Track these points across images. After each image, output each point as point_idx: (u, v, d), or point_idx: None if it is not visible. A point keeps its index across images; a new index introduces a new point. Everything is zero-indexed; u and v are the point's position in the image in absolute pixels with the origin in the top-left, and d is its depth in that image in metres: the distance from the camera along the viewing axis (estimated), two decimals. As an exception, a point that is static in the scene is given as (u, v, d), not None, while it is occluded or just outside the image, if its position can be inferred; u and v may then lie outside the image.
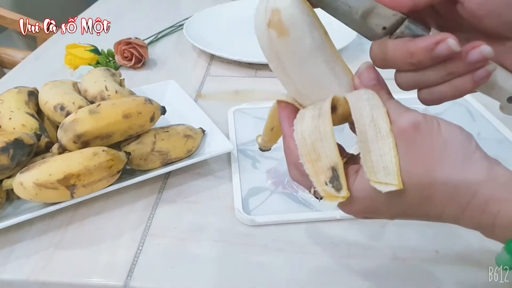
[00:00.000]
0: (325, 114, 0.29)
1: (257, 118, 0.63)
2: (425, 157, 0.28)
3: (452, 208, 0.28)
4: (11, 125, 0.50)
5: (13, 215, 0.45)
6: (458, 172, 0.28)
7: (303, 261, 0.42)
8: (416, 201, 0.28)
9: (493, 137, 0.58)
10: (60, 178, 0.43)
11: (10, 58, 1.12)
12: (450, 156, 0.28)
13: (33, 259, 0.43)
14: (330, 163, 0.28)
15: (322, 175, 0.28)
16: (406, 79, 0.32)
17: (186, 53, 0.85)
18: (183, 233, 0.46)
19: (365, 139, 0.28)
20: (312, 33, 0.29)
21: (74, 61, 0.77)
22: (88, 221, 0.47)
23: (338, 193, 0.28)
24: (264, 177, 0.52)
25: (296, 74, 0.30)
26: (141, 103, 0.51)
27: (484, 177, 0.28)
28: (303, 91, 0.31)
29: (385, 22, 0.31)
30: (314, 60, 0.30)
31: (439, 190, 0.28)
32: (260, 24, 0.29)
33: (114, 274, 0.41)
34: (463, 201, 0.28)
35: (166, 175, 0.53)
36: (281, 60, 0.30)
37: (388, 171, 0.28)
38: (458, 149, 0.28)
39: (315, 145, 0.29)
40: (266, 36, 0.29)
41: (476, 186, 0.27)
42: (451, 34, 0.29)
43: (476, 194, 0.27)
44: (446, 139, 0.28)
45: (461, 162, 0.28)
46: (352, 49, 0.83)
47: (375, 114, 0.28)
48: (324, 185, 0.28)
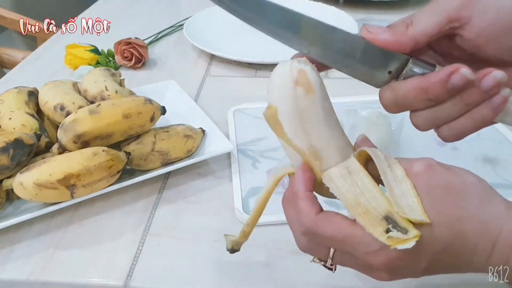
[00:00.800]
0: (356, 168, 0.30)
1: (257, 118, 0.63)
2: (447, 195, 0.28)
3: (484, 243, 0.28)
4: (11, 125, 0.50)
5: (13, 215, 0.45)
6: (483, 208, 0.28)
7: (303, 261, 0.42)
8: (447, 238, 0.27)
9: (493, 137, 0.58)
10: (60, 178, 0.43)
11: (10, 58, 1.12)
12: (471, 193, 0.28)
13: (33, 259, 0.43)
14: (381, 214, 0.28)
15: (379, 227, 0.28)
16: (422, 117, 0.32)
17: (186, 53, 0.85)
18: (183, 233, 0.46)
19: (387, 184, 0.29)
20: (327, 93, 0.32)
21: (74, 61, 0.77)
22: (88, 221, 0.47)
23: (407, 235, 0.27)
24: (264, 177, 0.52)
25: (317, 131, 0.31)
26: (141, 103, 0.51)
27: (506, 213, 0.28)
28: (318, 147, 0.31)
29: (390, 66, 0.32)
30: (332, 118, 0.32)
31: (468, 225, 0.27)
32: (284, 84, 0.30)
33: (114, 274, 0.41)
34: (493, 235, 0.27)
35: (166, 175, 0.53)
36: (305, 118, 0.31)
37: (412, 208, 0.28)
38: (477, 186, 0.28)
39: (358, 199, 0.29)
40: (291, 95, 0.30)
41: (502, 220, 0.27)
42: (462, 64, 0.29)
43: (503, 228, 0.27)
44: (463, 178, 0.28)
45: (482, 199, 0.28)
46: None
47: (389, 163, 0.30)
48: (385, 235, 0.27)
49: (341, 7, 0.96)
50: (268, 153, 0.56)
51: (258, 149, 0.57)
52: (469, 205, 0.27)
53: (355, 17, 0.90)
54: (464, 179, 0.28)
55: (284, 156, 0.52)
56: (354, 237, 0.28)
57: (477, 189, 0.28)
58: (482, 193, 0.28)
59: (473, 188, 0.28)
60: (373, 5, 1.06)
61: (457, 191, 0.28)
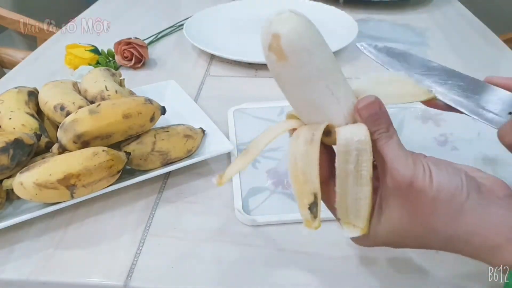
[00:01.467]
0: (316, 141, 0.29)
1: (257, 118, 0.63)
2: (418, 214, 0.30)
3: (449, 249, 0.32)
4: (11, 125, 0.50)
5: (13, 215, 0.45)
6: (448, 227, 0.30)
7: (303, 261, 0.42)
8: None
9: (493, 137, 0.58)
10: (60, 178, 0.43)
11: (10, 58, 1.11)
12: (439, 213, 0.30)
13: (33, 259, 0.43)
14: (312, 190, 0.29)
15: (306, 199, 0.29)
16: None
17: (186, 53, 0.85)
18: (183, 233, 0.46)
19: (345, 181, 0.29)
20: (314, 59, 0.29)
21: (74, 61, 0.77)
22: (88, 221, 0.47)
23: (313, 222, 0.29)
24: (264, 177, 0.52)
25: (295, 96, 0.31)
26: (141, 103, 0.51)
27: (477, 227, 0.29)
28: (302, 112, 0.31)
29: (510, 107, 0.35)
30: (313, 85, 0.30)
31: (432, 239, 0.31)
32: (262, 44, 0.30)
33: (114, 274, 0.41)
34: (456, 248, 0.31)
35: (166, 175, 0.53)
36: (281, 81, 0.30)
37: (358, 214, 0.30)
38: (447, 204, 0.30)
39: (304, 168, 0.29)
40: (267, 56, 0.30)
41: (468, 236, 0.30)
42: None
43: (468, 242, 0.30)
44: (435, 197, 0.29)
45: (451, 216, 0.30)
46: (352, 49, 0.83)
47: (360, 160, 0.29)
48: (306, 209, 0.29)
49: (341, 7, 0.96)
50: (268, 153, 0.56)
51: (258, 149, 0.57)
52: (438, 225, 0.30)
53: (355, 17, 0.90)
54: (438, 196, 0.30)
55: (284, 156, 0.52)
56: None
57: (449, 207, 0.30)
58: (453, 210, 0.30)
59: (444, 207, 0.30)
60: (373, 5, 1.06)
61: (428, 211, 0.30)
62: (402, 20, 0.99)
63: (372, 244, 0.34)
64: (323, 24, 0.91)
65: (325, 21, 0.93)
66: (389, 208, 0.31)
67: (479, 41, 0.89)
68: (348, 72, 0.77)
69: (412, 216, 0.30)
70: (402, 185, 0.29)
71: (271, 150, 0.57)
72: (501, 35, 0.92)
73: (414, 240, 0.32)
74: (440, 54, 0.83)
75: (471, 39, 0.90)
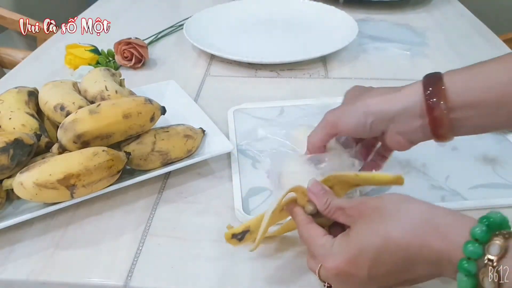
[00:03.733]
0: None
1: (257, 118, 0.63)
2: (373, 214, 0.34)
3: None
4: (11, 125, 0.50)
5: (13, 215, 0.45)
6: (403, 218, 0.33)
7: (303, 261, 0.42)
8: (376, 244, 0.33)
9: (493, 137, 0.58)
10: (60, 178, 0.43)
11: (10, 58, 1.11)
12: (390, 208, 0.34)
13: (33, 259, 0.43)
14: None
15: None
16: None
17: (186, 53, 0.85)
18: (183, 233, 0.46)
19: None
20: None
21: (74, 61, 0.77)
22: (88, 221, 0.47)
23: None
24: (264, 177, 0.52)
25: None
26: (141, 103, 0.51)
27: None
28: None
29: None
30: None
31: (394, 233, 0.33)
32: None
33: (114, 274, 0.41)
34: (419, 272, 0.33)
35: (166, 175, 0.53)
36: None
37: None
38: (392, 200, 0.35)
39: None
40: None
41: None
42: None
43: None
44: (384, 202, 0.35)
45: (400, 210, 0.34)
46: (352, 49, 0.83)
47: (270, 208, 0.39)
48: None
49: (341, 7, 0.96)
50: (268, 153, 0.56)
51: (258, 149, 0.57)
52: (391, 216, 0.33)
53: (355, 17, 0.90)
54: (384, 202, 0.34)
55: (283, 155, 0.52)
56: (314, 237, 0.37)
57: (395, 203, 0.34)
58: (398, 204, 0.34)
59: (391, 203, 0.34)
60: (373, 5, 1.06)
61: (381, 210, 0.34)
62: (402, 20, 0.99)
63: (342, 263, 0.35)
64: (323, 24, 0.92)
65: (325, 21, 0.93)
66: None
67: (479, 41, 0.89)
68: (348, 72, 0.77)
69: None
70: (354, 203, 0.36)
71: (271, 150, 0.57)
72: (501, 35, 0.92)
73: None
74: (439, 54, 0.83)
75: (471, 39, 0.90)
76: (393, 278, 0.33)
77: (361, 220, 0.34)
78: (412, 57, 0.82)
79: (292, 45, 0.86)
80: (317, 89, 0.72)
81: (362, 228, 0.34)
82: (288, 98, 0.68)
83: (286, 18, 0.96)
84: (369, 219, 0.34)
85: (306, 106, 0.65)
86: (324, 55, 0.78)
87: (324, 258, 0.35)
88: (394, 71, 0.77)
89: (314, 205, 0.38)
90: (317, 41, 0.86)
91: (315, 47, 0.80)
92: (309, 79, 0.75)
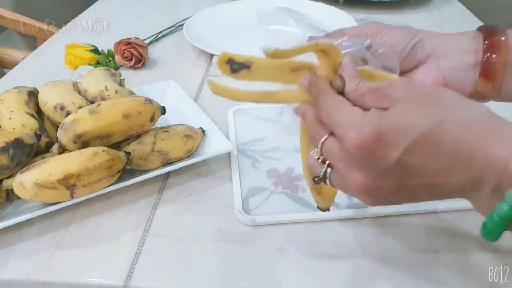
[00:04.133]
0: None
1: (257, 118, 0.63)
2: (426, 97, 0.29)
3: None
4: (11, 125, 0.50)
5: (13, 215, 0.45)
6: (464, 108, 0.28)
7: (303, 261, 0.42)
8: (425, 125, 0.27)
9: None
10: (60, 178, 0.43)
11: (10, 58, 1.11)
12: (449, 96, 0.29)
13: (33, 259, 0.43)
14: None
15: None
16: None
17: (186, 53, 0.85)
18: (183, 233, 0.46)
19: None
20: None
21: (74, 61, 0.77)
22: (88, 221, 0.47)
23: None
24: (264, 177, 0.52)
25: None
26: (141, 103, 0.51)
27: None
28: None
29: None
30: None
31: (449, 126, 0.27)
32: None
33: (114, 274, 0.41)
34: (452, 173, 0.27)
35: (166, 175, 0.53)
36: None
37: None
38: (453, 94, 0.29)
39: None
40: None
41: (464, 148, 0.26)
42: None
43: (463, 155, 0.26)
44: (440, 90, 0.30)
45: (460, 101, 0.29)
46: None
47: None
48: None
49: (341, 7, 0.96)
50: (268, 153, 0.56)
51: (258, 149, 0.57)
52: (449, 105, 0.28)
53: (355, 17, 0.90)
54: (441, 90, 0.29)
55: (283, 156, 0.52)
56: (341, 103, 0.30)
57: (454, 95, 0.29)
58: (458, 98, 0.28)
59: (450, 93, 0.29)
60: (373, 5, 1.06)
61: (437, 96, 0.28)
62: (402, 20, 0.99)
63: (369, 195, 0.29)
64: (323, 24, 0.92)
65: (325, 21, 0.93)
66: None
67: (479, 41, 0.88)
68: (348, 72, 0.77)
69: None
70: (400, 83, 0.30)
71: (271, 150, 0.57)
72: (501, 35, 0.92)
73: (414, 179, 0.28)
74: (440, 54, 0.83)
75: (471, 39, 0.90)
76: (421, 177, 0.27)
77: (406, 101, 0.28)
78: (412, 57, 0.82)
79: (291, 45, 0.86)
80: (317, 89, 0.72)
81: (407, 108, 0.27)
82: (288, 98, 0.68)
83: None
84: (419, 100, 0.28)
85: (306, 106, 0.65)
86: (324, 55, 0.78)
87: (347, 125, 0.28)
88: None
89: (343, 81, 0.31)
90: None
91: (315, 47, 0.80)
92: (309, 79, 0.75)
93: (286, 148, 0.57)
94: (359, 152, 0.27)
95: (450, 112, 0.27)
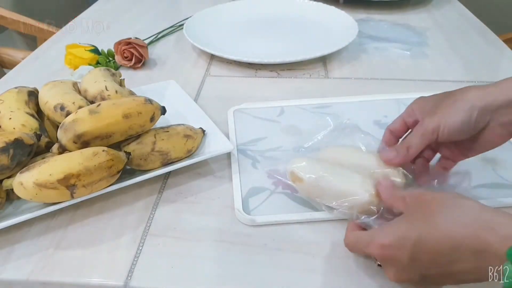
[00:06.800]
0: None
1: (257, 118, 0.63)
2: (420, 205, 0.37)
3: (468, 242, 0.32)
4: (11, 125, 0.50)
5: (13, 215, 0.45)
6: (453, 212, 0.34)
7: (303, 261, 0.42)
8: (419, 229, 0.34)
9: (493, 137, 0.58)
10: (60, 178, 0.43)
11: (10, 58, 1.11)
12: (441, 202, 0.36)
13: (33, 259, 0.43)
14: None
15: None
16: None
17: (186, 53, 0.85)
18: (183, 233, 0.46)
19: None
20: (318, 171, 0.45)
21: (74, 61, 0.77)
22: (88, 221, 0.47)
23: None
24: (264, 177, 0.52)
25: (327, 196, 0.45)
26: (141, 103, 0.51)
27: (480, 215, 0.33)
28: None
29: None
30: (325, 181, 0.44)
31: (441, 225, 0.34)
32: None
33: (114, 274, 0.41)
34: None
35: (166, 175, 0.53)
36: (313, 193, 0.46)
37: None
38: (445, 197, 0.36)
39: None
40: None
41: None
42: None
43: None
44: (433, 194, 0.37)
45: (452, 206, 0.35)
46: (352, 49, 0.83)
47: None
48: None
49: (341, 7, 0.96)
50: (268, 153, 0.56)
51: (258, 149, 0.57)
52: (444, 208, 0.34)
53: (355, 17, 0.90)
54: (433, 194, 0.36)
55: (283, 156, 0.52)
56: (359, 237, 0.39)
57: (447, 199, 0.35)
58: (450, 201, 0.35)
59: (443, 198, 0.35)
60: (373, 5, 1.06)
61: (437, 201, 0.35)
62: (402, 20, 0.99)
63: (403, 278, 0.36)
64: (323, 24, 0.92)
65: (325, 21, 0.93)
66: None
67: (479, 41, 0.89)
68: (348, 72, 0.77)
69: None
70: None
71: (271, 150, 0.57)
72: (501, 35, 0.92)
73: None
74: (439, 54, 0.83)
75: (471, 39, 0.90)
76: (434, 267, 0.33)
77: (415, 208, 0.36)
78: (412, 57, 0.82)
79: (292, 45, 0.86)
80: (317, 89, 0.72)
81: (413, 215, 0.36)
82: (288, 98, 0.68)
83: (286, 18, 0.96)
84: (423, 207, 0.35)
85: (306, 106, 0.65)
86: (324, 55, 0.78)
87: (376, 233, 0.37)
88: (394, 71, 0.77)
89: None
90: (317, 41, 0.86)
91: (315, 47, 0.80)
92: (309, 79, 0.75)
93: (286, 148, 0.57)
94: (382, 256, 0.36)
95: (444, 215, 0.33)
